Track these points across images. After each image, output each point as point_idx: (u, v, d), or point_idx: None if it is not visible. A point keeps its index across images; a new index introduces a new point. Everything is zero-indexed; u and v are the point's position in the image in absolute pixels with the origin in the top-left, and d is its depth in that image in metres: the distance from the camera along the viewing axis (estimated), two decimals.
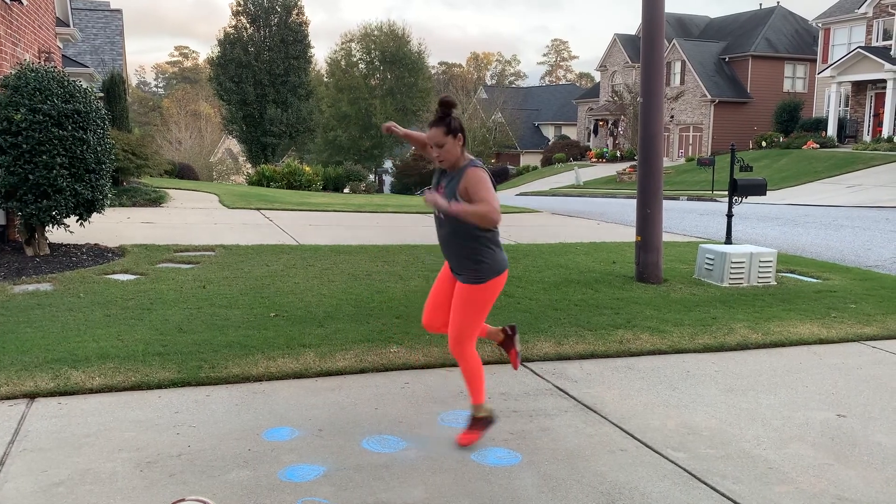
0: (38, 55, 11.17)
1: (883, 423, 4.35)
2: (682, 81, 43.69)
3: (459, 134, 3.67)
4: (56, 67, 9.81)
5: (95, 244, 9.32)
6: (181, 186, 20.48)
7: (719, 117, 42.15)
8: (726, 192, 10.25)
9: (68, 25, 15.48)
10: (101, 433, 3.91)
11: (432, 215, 3.82)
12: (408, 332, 5.85)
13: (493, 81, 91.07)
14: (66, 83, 8.26)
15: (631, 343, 5.79)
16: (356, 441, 3.92)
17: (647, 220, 8.20)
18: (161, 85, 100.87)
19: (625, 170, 35.64)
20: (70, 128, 8.06)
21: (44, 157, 7.89)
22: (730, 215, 10.41)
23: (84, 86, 8.68)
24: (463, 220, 3.58)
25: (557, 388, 4.82)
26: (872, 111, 33.41)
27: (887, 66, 30.46)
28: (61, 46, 14.93)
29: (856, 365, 5.50)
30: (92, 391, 4.46)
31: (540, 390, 4.80)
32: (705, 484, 3.55)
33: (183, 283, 7.30)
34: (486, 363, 5.26)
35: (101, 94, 20.03)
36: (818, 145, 32.16)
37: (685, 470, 3.69)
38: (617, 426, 4.23)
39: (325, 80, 59.76)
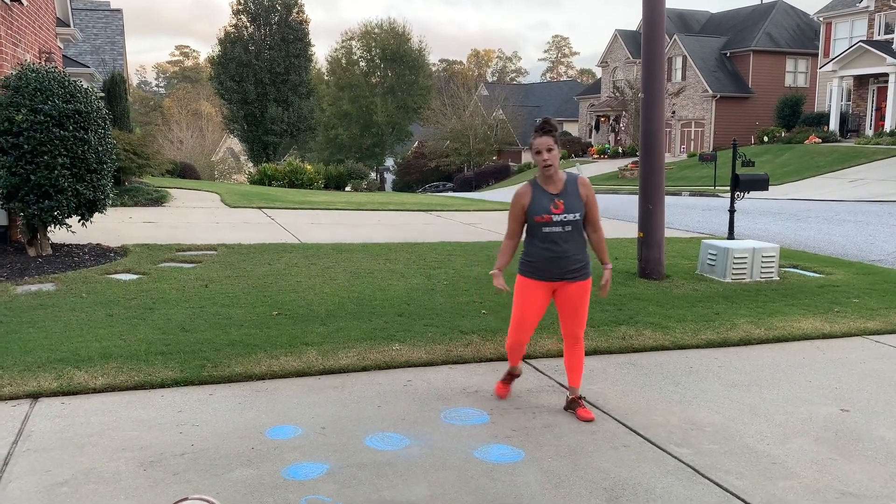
0: (38, 55, 11.18)
1: (886, 418, 4.35)
2: (684, 77, 43.60)
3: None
4: (57, 68, 9.81)
5: (97, 244, 9.33)
6: (183, 186, 20.49)
7: (721, 113, 42.07)
8: (728, 188, 10.23)
9: (69, 25, 15.46)
10: (104, 433, 3.92)
11: (549, 230, 4.10)
12: (410, 329, 5.85)
13: (494, 78, 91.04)
14: (66, 83, 8.26)
15: (633, 339, 5.79)
16: (359, 439, 3.92)
17: (649, 216, 8.19)
18: (162, 84, 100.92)
19: (627, 166, 35.57)
20: (71, 128, 8.06)
21: (45, 157, 7.89)
22: (732, 210, 10.39)
23: (85, 86, 8.68)
24: (577, 229, 4.15)
25: (560, 384, 4.82)
26: (874, 105, 33.31)
27: (889, 59, 30.37)
28: (62, 47, 14.94)
29: (859, 359, 5.50)
30: (95, 391, 4.47)
31: (542, 387, 4.80)
32: (709, 479, 3.55)
33: (185, 283, 7.31)
34: (486, 360, 5.27)
35: (102, 94, 20.04)
36: (820, 140, 32.09)
37: (689, 466, 3.69)
38: (620, 422, 4.22)
39: (326, 78, 59.73)
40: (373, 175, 49.81)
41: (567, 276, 4.18)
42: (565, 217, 4.07)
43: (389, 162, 60.77)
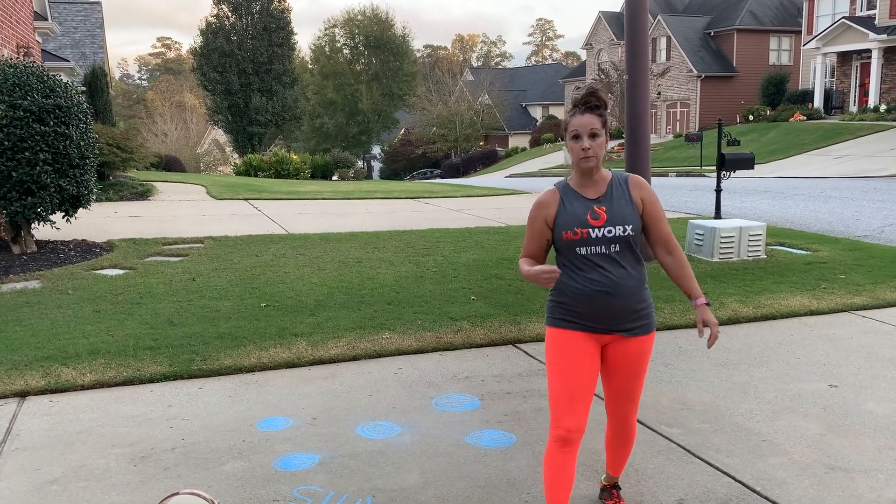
0: (16, 50, 11.04)
1: (874, 392, 4.38)
2: (668, 57, 43.57)
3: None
4: (35, 62, 9.69)
5: (83, 240, 9.25)
6: (168, 179, 20.33)
7: (706, 92, 42.08)
8: (714, 168, 10.25)
9: (46, 19, 15.28)
10: (93, 429, 3.90)
11: (587, 252, 2.74)
12: (400, 317, 5.84)
13: (480, 63, 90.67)
14: (45, 78, 8.16)
15: None
16: (350, 428, 3.91)
17: None
18: (144, 77, 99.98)
19: (613, 148, 35.59)
20: (52, 123, 7.97)
21: (26, 153, 7.80)
22: (718, 190, 10.41)
23: (65, 80, 8.58)
24: (630, 250, 2.77)
25: None
26: (858, 81, 33.42)
27: (872, 35, 30.44)
28: (40, 41, 14.75)
29: (846, 335, 5.53)
30: (83, 388, 4.44)
31: (533, 371, 4.80)
32: (699, 458, 3.57)
33: (172, 277, 7.26)
34: (477, 345, 5.27)
35: (83, 89, 19.82)
36: (805, 117, 32.18)
37: (679, 445, 3.70)
38: None
39: (310, 66, 59.31)
40: (360, 163, 49.60)
41: (622, 327, 2.78)
42: (610, 231, 2.72)
43: (376, 150, 60.51)
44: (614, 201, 2.76)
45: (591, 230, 2.73)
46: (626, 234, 2.73)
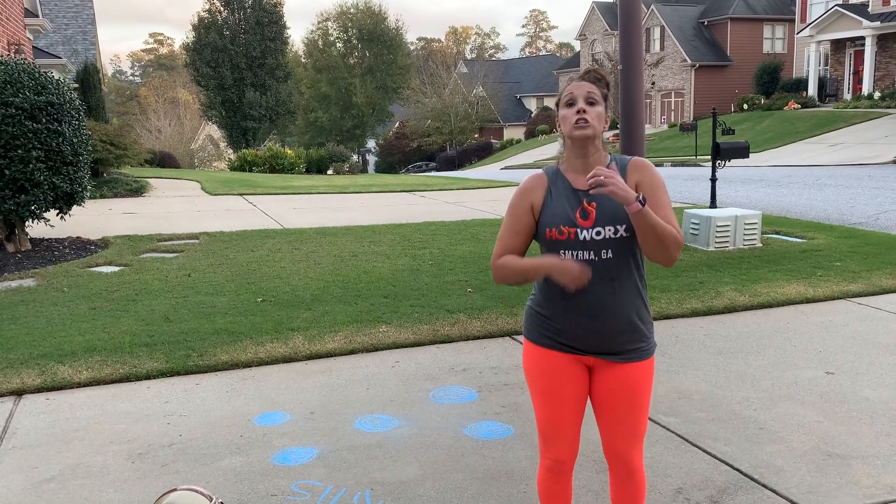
0: (7, 47, 10.98)
1: (870, 378, 4.39)
2: (662, 47, 43.51)
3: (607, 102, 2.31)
4: (27, 59, 9.63)
5: (77, 237, 9.22)
6: (162, 175, 20.27)
7: (700, 82, 42.07)
8: (709, 157, 10.25)
9: (37, 16, 15.20)
10: (90, 427, 3.89)
11: (572, 257, 2.27)
12: (396, 310, 5.84)
13: (473, 55, 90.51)
14: (37, 75, 8.11)
15: None
16: (348, 422, 3.91)
17: None
18: (137, 73, 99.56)
19: (608, 139, 35.57)
20: (44, 120, 7.93)
21: (19, 151, 7.76)
22: (714, 179, 10.41)
23: (57, 77, 8.53)
24: (625, 258, 2.27)
25: None
26: (852, 69, 33.41)
27: (865, 22, 30.42)
28: (31, 38, 14.68)
29: (842, 322, 5.54)
30: (80, 385, 4.43)
31: None
32: (697, 447, 3.57)
33: (168, 273, 7.25)
34: (474, 337, 5.27)
35: (76, 85, 19.69)
36: (799, 106, 32.18)
37: (677, 434, 3.71)
38: None
39: (304, 60, 59.13)
40: (354, 157, 49.51)
41: (611, 349, 2.34)
42: (599, 233, 2.25)
43: (371, 143, 60.38)
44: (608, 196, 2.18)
45: (578, 230, 2.24)
46: (617, 235, 2.23)
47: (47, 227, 8.85)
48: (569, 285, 2.19)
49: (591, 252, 2.25)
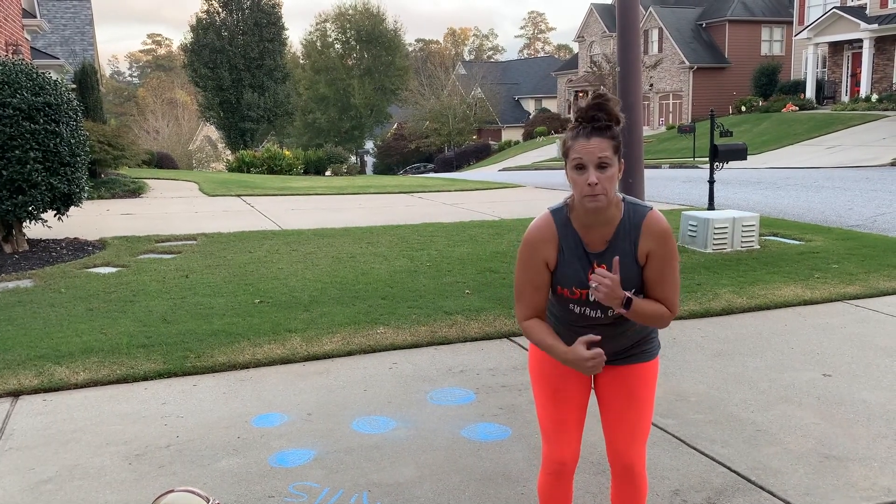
0: (5, 48, 10.97)
1: (868, 381, 4.40)
2: (660, 49, 43.56)
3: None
4: (24, 60, 9.62)
5: (75, 238, 9.21)
6: (160, 176, 20.25)
7: (698, 84, 42.12)
8: (707, 159, 10.26)
9: (35, 17, 15.19)
10: (87, 428, 3.88)
11: (582, 311, 2.36)
12: (394, 312, 5.83)
13: (472, 57, 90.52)
14: (34, 76, 8.10)
15: None
16: (346, 423, 3.91)
17: (630, 190, 8.18)
18: (135, 74, 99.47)
19: None
20: (42, 121, 7.92)
21: (16, 151, 7.75)
22: (711, 181, 10.42)
23: (54, 78, 8.52)
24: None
25: None
26: (850, 71, 33.47)
27: (863, 25, 30.48)
28: (29, 39, 14.66)
29: (840, 324, 5.55)
30: (77, 386, 4.42)
31: (527, 364, 4.80)
32: (694, 449, 3.57)
33: (165, 274, 7.24)
34: (471, 339, 5.26)
35: (73, 86, 19.68)
36: (797, 108, 32.22)
37: (674, 436, 3.71)
38: None
39: (302, 62, 59.10)
40: (353, 158, 49.43)
41: (616, 357, 2.43)
42: None
43: (369, 145, 60.38)
44: (618, 256, 2.22)
45: (589, 292, 2.26)
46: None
47: (45, 227, 8.84)
48: (585, 373, 2.34)
49: (600, 311, 2.32)
